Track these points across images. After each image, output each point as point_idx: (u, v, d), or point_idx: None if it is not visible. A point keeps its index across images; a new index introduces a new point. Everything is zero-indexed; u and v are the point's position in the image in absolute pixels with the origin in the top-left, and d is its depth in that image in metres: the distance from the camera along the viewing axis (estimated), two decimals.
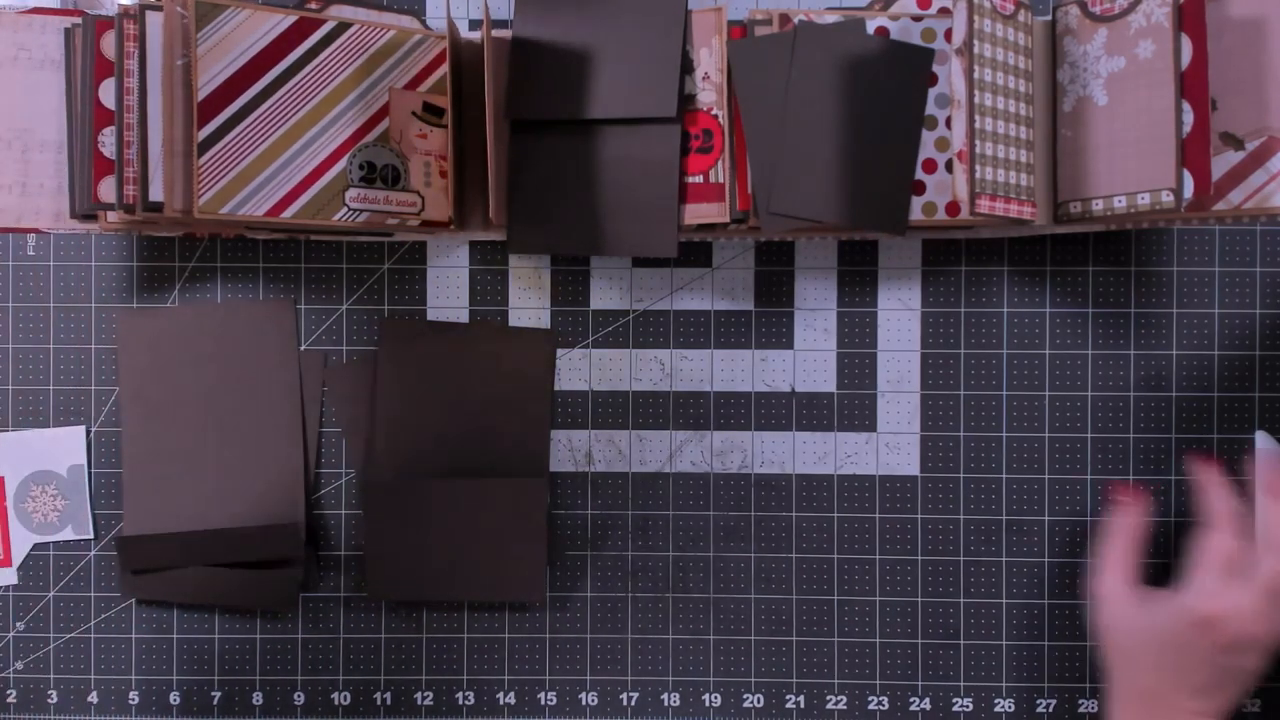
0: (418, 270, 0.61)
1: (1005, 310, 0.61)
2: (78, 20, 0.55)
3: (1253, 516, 0.52)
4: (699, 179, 0.57)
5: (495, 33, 0.57)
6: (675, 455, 0.61)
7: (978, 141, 0.52)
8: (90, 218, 0.56)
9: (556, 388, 0.61)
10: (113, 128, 0.54)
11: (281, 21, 0.53)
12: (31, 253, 0.61)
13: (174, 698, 0.61)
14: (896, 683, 0.61)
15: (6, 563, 0.60)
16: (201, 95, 0.51)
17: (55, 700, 0.61)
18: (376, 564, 0.59)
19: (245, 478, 0.60)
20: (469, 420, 0.60)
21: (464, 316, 0.61)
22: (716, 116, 0.56)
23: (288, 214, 0.53)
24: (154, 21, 0.53)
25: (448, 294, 0.61)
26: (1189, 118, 0.50)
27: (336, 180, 0.54)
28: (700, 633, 0.61)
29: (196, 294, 0.61)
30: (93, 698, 0.61)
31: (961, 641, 0.61)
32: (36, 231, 0.59)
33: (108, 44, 0.54)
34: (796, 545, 0.61)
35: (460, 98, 0.58)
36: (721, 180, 0.57)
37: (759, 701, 0.61)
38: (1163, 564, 0.60)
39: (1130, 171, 0.52)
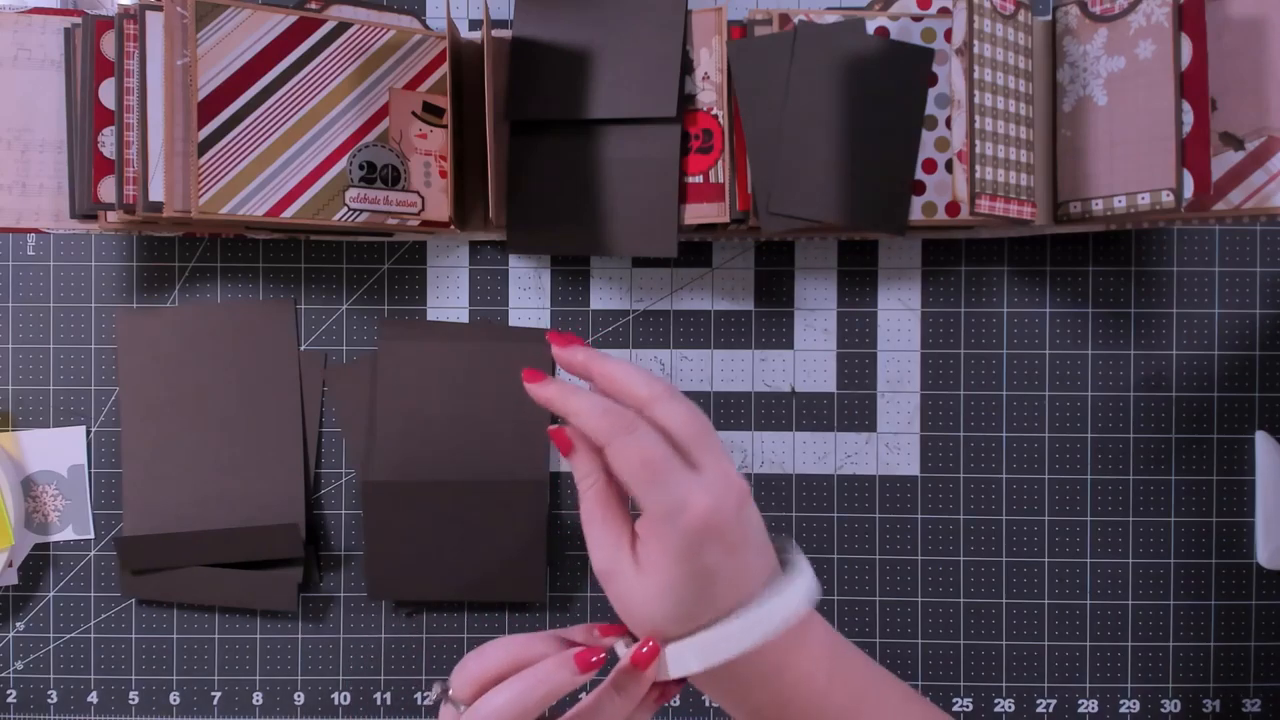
0: (418, 270, 0.61)
1: (1005, 310, 0.61)
2: (78, 20, 0.55)
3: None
4: (699, 179, 0.57)
5: (495, 33, 0.57)
6: None
7: (978, 141, 0.52)
8: (90, 218, 0.56)
9: None
10: (113, 128, 0.54)
11: (281, 21, 0.53)
12: (31, 253, 0.61)
13: (174, 698, 0.61)
14: None
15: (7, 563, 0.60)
16: (201, 95, 0.51)
17: (55, 700, 0.61)
18: (376, 564, 0.59)
19: (245, 478, 0.60)
20: (469, 420, 0.60)
21: (464, 316, 0.61)
22: (716, 116, 0.56)
23: (288, 214, 0.53)
24: (154, 21, 0.53)
25: (448, 294, 0.61)
26: (1189, 118, 0.50)
27: (336, 180, 0.54)
28: None
29: (196, 294, 0.61)
30: (93, 698, 0.61)
31: (961, 641, 0.61)
32: (36, 231, 0.59)
33: (108, 44, 0.54)
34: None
35: (460, 98, 0.58)
36: (721, 180, 0.56)
37: None
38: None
39: (1130, 171, 0.52)
